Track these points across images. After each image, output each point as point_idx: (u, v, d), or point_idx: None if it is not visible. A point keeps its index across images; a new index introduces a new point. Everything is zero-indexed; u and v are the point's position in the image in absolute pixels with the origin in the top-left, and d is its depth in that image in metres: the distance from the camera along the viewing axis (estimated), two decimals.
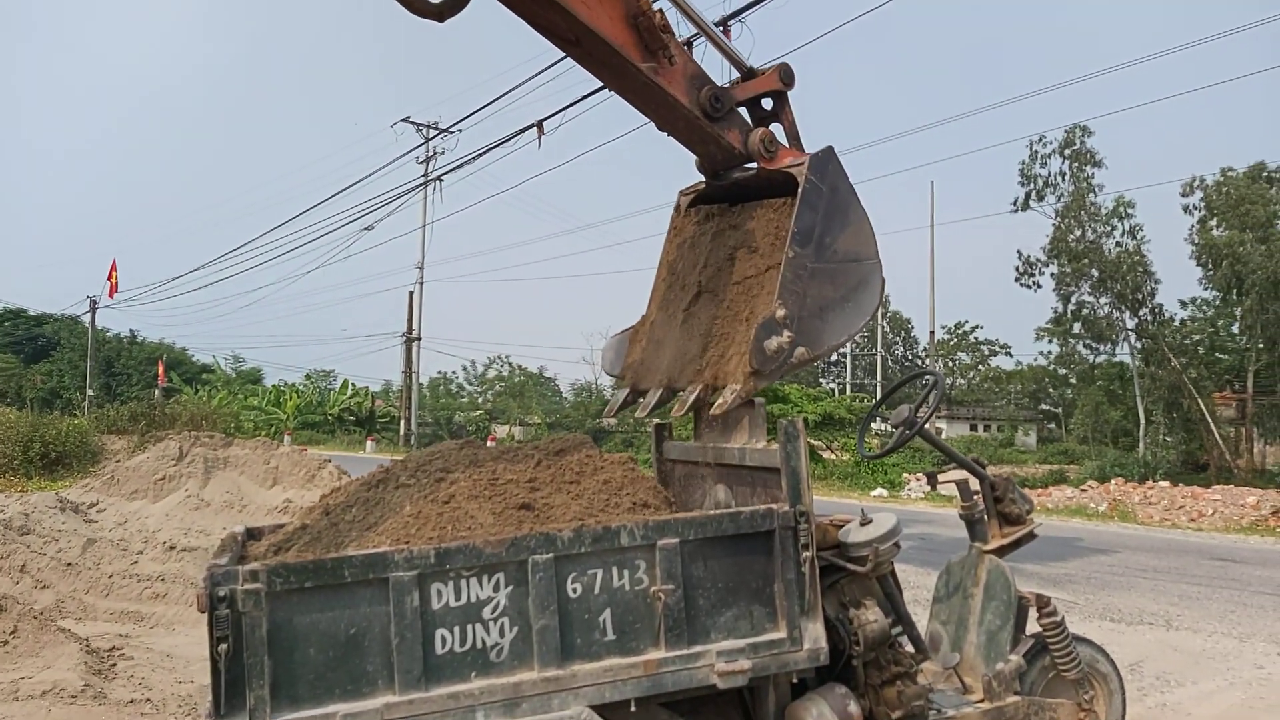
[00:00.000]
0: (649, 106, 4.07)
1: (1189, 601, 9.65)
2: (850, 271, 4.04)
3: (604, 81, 4.09)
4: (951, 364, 66.26)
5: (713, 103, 4.03)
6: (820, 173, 3.99)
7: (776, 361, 3.77)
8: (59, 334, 64.26)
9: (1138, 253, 29.01)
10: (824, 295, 3.94)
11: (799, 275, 3.85)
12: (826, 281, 3.95)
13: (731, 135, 4.15)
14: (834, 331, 3.98)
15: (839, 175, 4.06)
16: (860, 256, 4.08)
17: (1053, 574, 11.19)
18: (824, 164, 4.02)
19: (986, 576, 4.43)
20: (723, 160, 4.35)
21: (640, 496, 3.67)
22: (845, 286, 4.02)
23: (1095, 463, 29.59)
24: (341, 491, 4.10)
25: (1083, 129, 28.86)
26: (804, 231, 3.89)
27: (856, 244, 4.07)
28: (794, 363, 3.83)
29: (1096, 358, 33.49)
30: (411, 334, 44.53)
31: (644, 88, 3.91)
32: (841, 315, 4.00)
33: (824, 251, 3.95)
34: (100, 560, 9.51)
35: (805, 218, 3.91)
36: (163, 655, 6.98)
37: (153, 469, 13.66)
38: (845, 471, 26.55)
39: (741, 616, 3.41)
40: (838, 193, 4.03)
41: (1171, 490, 20.17)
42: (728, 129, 4.14)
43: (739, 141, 4.16)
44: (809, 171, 3.96)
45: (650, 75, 3.81)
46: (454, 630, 3.06)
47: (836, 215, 4.01)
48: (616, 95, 4.11)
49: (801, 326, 3.83)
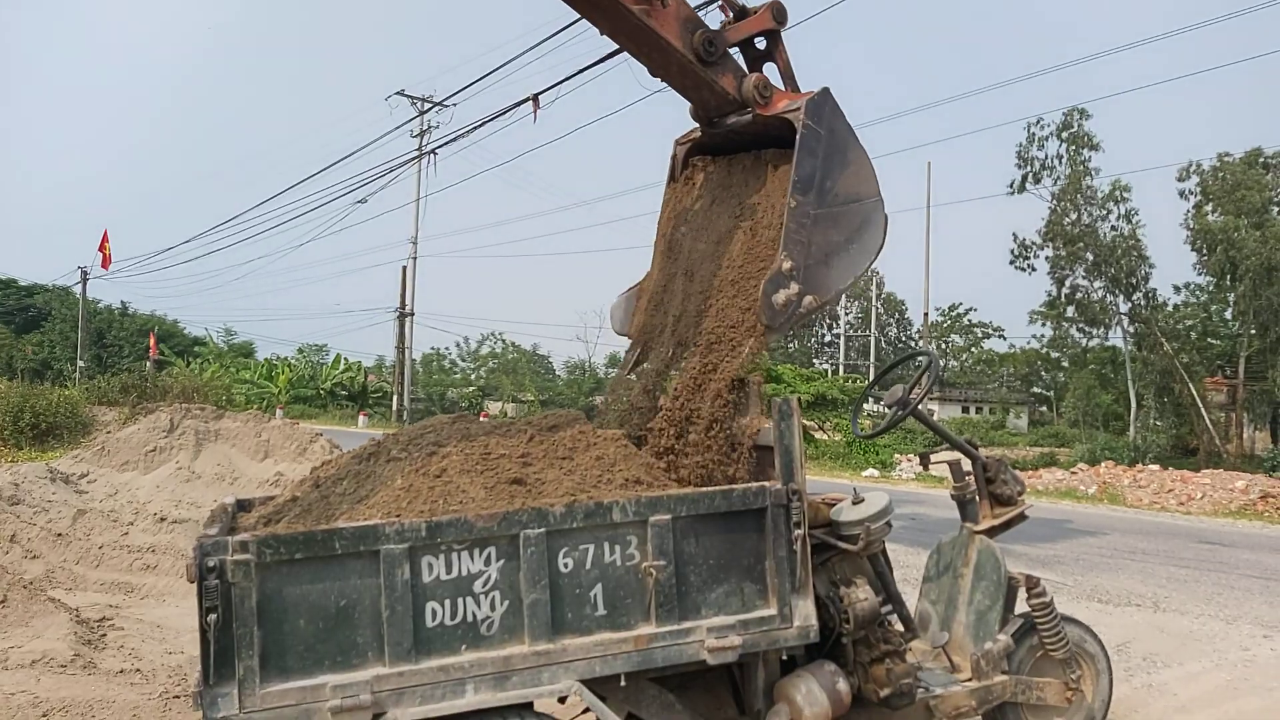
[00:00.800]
0: (641, 50, 4.01)
1: (1177, 584, 9.71)
2: (853, 213, 4.00)
3: (595, 24, 3.99)
4: (945, 346, 66.38)
5: (706, 47, 3.96)
6: (817, 116, 3.93)
7: (786, 314, 3.75)
8: (50, 305, 63.91)
9: (1133, 237, 29.05)
10: (828, 240, 3.91)
11: (802, 224, 3.81)
12: (830, 226, 3.91)
13: (726, 80, 4.08)
14: (840, 275, 3.96)
15: (836, 116, 4.00)
16: (862, 196, 4.04)
17: (1042, 555, 11.25)
18: (820, 106, 3.96)
19: (977, 557, 4.44)
20: (717, 107, 4.28)
21: (633, 473, 3.66)
22: (849, 229, 3.99)
23: (1086, 446, 29.72)
24: (333, 464, 4.08)
25: (1080, 112, 28.87)
26: (804, 179, 3.85)
27: (857, 184, 4.03)
28: (803, 312, 3.81)
29: (1089, 342, 33.67)
30: (405, 309, 44.39)
31: (636, 30, 3.84)
32: (847, 258, 3.97)
33: (825, 196, 3.91)
34: (90, 531, 9.50)
35: (805, 164, 3.86)
36: (153, 626, 6.99)
37: (143, 440, 13.61)
38: (837, 451, 26.63)
39: (732, 593, 3.41)
40: (835, 134, 3.97)
41: (1161, 474, 20.26)
42: (722, 74, 4.07)
43: (733, 87, 4.10)
44: (805, 116, 3.90)
45: (642, 17, 3.75)
46: (444, 603, 3.06)
47: (835, 157, 3.96)
48: (609, 39, 4.04)
49: (808, 275, 3.80)
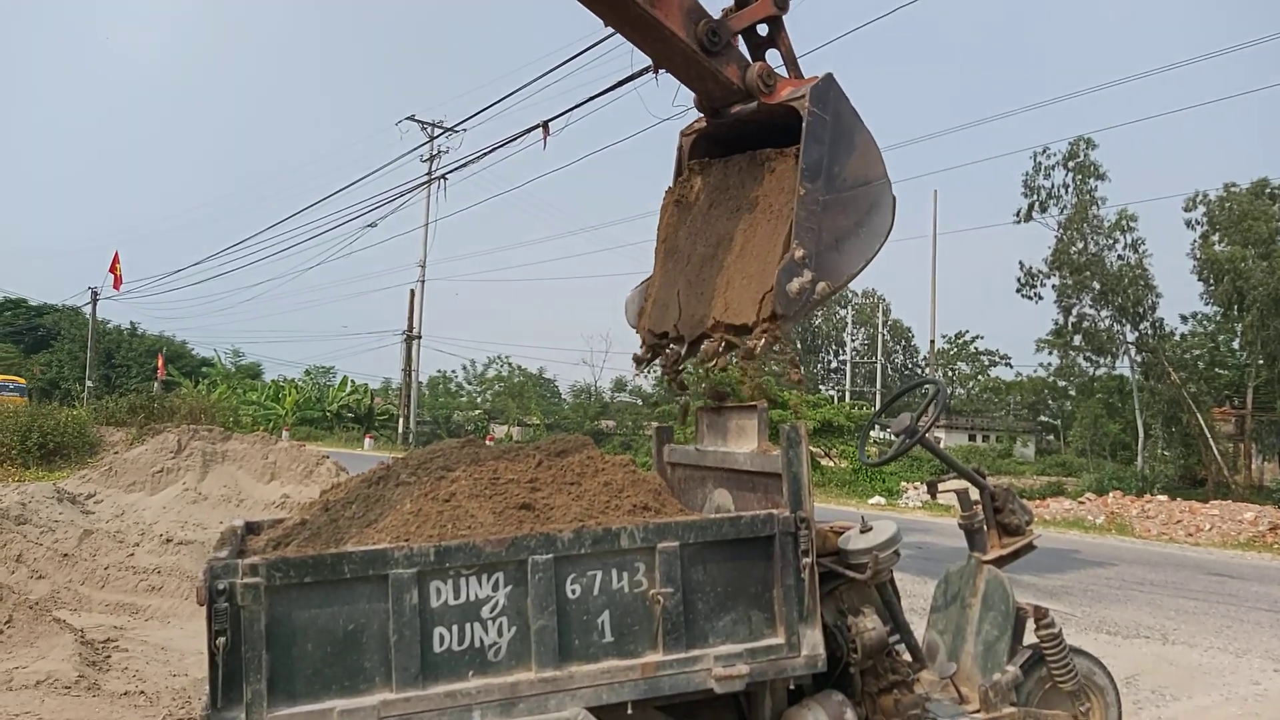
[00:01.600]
0: (645, 41, 4.02)
1: (1185, 616, 9.64)
2: (861, 196, 4.01)
3: (600, 15, 3.99)
4: (951, 374, 66.25)
5: (710, 36, 3.97)
6: (822, 102, 3.92)
7: (800, 302, 3.74)
8: (60, 324, 64.22)
9: (1139, 266, 29.03)
10: (839, 226, 3.90)
11: (812, 212, 3.81)
12: (839, 212, 3.91)
13: (730, 70, 4.09)
14: (852, 260, 3.96)
15: (840, 101, 3.99)
16: (869, 179, 4.04)
17: (1050, 585, 11.19)
18: (824, 92, 3.95)
19: (985, 587, 4.42)
20: (721, 96, 4.28)
21: (641, 499, 3.66)
22: (858, 213, 3.99)
23: (1093, 475, 29.57)
24: (342, 488, 4.09)
25: (1087, 141, 28.92)
26: (812, 166, 3.85)
27: (864, 167, 4.03)
28: (816, 299, 3.81)
29: (1096, 370, 33.52)
30: (412, 332, 44.51)
31: (640, 21, 3.86)
32: (857, 243, 3.98)
33: (834, 182, 3.91)
34: (96, 551, 9.50)
35: (812, 151, 3.86)
36: (157, 648, 6.98)
37: (151, 461, 13.64)
38: (844, 479, 26.54)
39: (740, 621, 3.40)
40: (840, 119, 3.97)
41: (1169, 504, 20.15)
42: (726, 63, 4.08)
43: (737, 76, 4.11)
44: (810, 103, 3.89)
45: (646, 7, 3.77)
46: (452, 629, 3.06)
47: (842, 142, 3.96)
48: (614, 30, 4.05)
49: (820, 262, 3.80)
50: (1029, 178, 30.01)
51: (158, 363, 50.42)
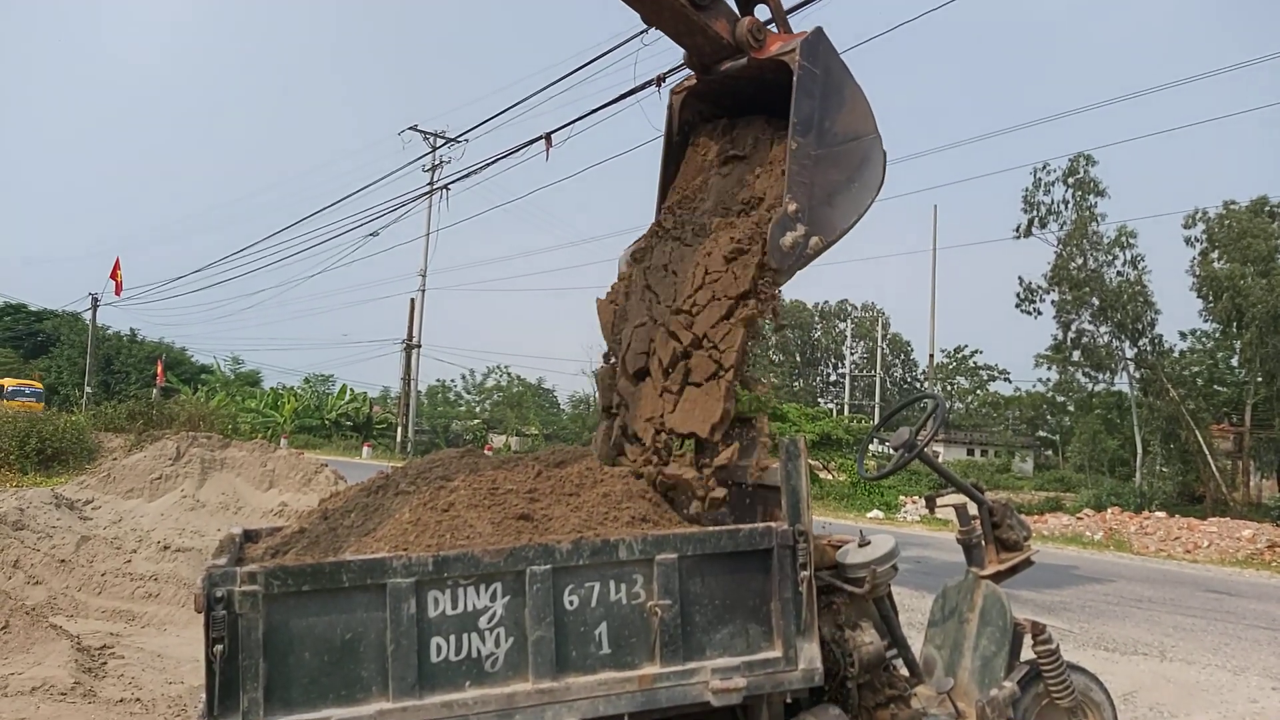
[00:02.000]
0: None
1: (1183, 633, 9.63)
2: (852, 151, 4.02)
3: None
4: (950, 388, 66.26)
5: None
6: (812, 56, 3.92)
7: (794, 256, 3.76)
8: (59, 330, 64.23)
9: (1139, 283, 29.09)
10: (830, 180, 3.92)
11: (804, 166, 3.82)
12: (831, 166, 3.93)
13: (719, 25, 4.09)
14: (844, 214, 3.98)
15: (830, 55, 4.00)
16: (860, 133, 4.05)
17: (1048, 601, 11.17)
18: (814, 46, 3.95)
19: (983, 602, 4.42)
20: (711, 52, 4.28)
21: (640, 510, 3.66)
22: (849, 167, 4.01)
23: (1092, 491, 29.56)
24: (341, 496, 4.10)
25: (1086, 158, 29.02)
26: (804, 120, 3.85)
27: (854, 122, 4.04)
28: (809, 253, 3.82)
29: (1095, 386, 33.56)
30: (411, 341, 44.51)
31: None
32: (849, 197, 3.99)
33: (825, 136, 3.92)
34: (94, 558, 9.49)
35: (803, 106, 3.86)
36: (153, 655, 6.96)
37: (149, 468, 13.63)
38: (842, 492, 26.51)
39: (737, 634, 3.40)
40: (830, 73, 3.98)
41: (1167, 521, 20.13)
42: (715, 18, 4.08)
43: (727, 31, 4.10)
44: (801, 57, 3.89)
45: None
46: (449, 639, 3.05)
47: (833, 96, 3.97)
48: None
49: (813, 216, 3.82)
50: (1029, 193, 30.11)
51: (157, 369, 50.43)
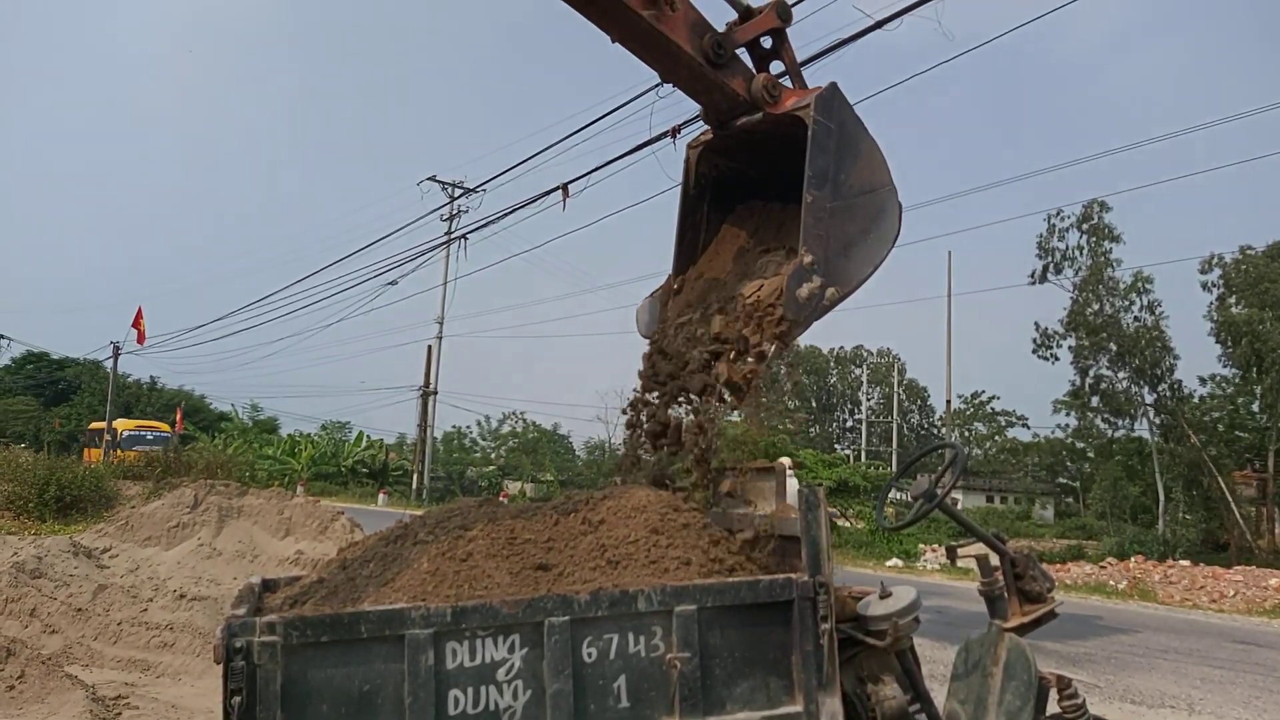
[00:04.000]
0: (652, 55, 4.08)
1: (1211, 685, 9.42)
2: (868, 203, 4.07)
3: (606, 31, 4.06)
4: (968, 434, 65.79)
5: (715, 49, 4.04)
6: (826, 110, 3.98)
7: (810, 307, 3.79)
8: (80, 378, 64.78)
9: (1156, 328, 28.98)
10: (846, 232, 3.96)
11: (819, 218, 3.86)
12: (847, 218, 3.97)
13: (735, 82, 4.15)
14: (861, 266, 4.02)
15: (845, 109, 4.05)
16: (875, 186, 4.10)
17: (1072, 653, 10.97)
18: (829, 101, 4.01)
19: (1006, 655, 4.35)
20: (727, 108, 4.34)
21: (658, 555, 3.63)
22: (865, 219, 4.05)
23: (1114, 539, 29.14)
24: (359, 545, 4.09)
25: (1101, 204, 29.11)
26: (819, 174, 3.90)
27: (870, 174, 4.09)
28: (826, 304, 3.86)
29: (1115, 432, 33.25)
30: (428, 388, 44.66)
31: (646, 35, 3.93)
32: (865, 248, 4.03)
33: (840, 189, 3.96)
34: (110, 606, 9.48)
35: (818, 160, 3.91)
36: (168, 706, 6.92)
37: (167, 516, 13.64)
38: (860, 540, 26.25)
39: (758, 688, 3.35)
40: (845, 126, 4.03)
41: (1192, 569, 19.83)
42: (731, 75, 4.14)
43: (742, 88, 4.17)
44: (815, 111, 3.95)
45: (653, 22, 3.84)
46: (467, 691, 3.02)
47: (847, 150, 4.02)
48: (621, 45, 4.09)
49: (829, 268, 3.85)
50: (1043, 239, 30.17)
51: (176, 416, 50.69)
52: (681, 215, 4.80)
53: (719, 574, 3.52)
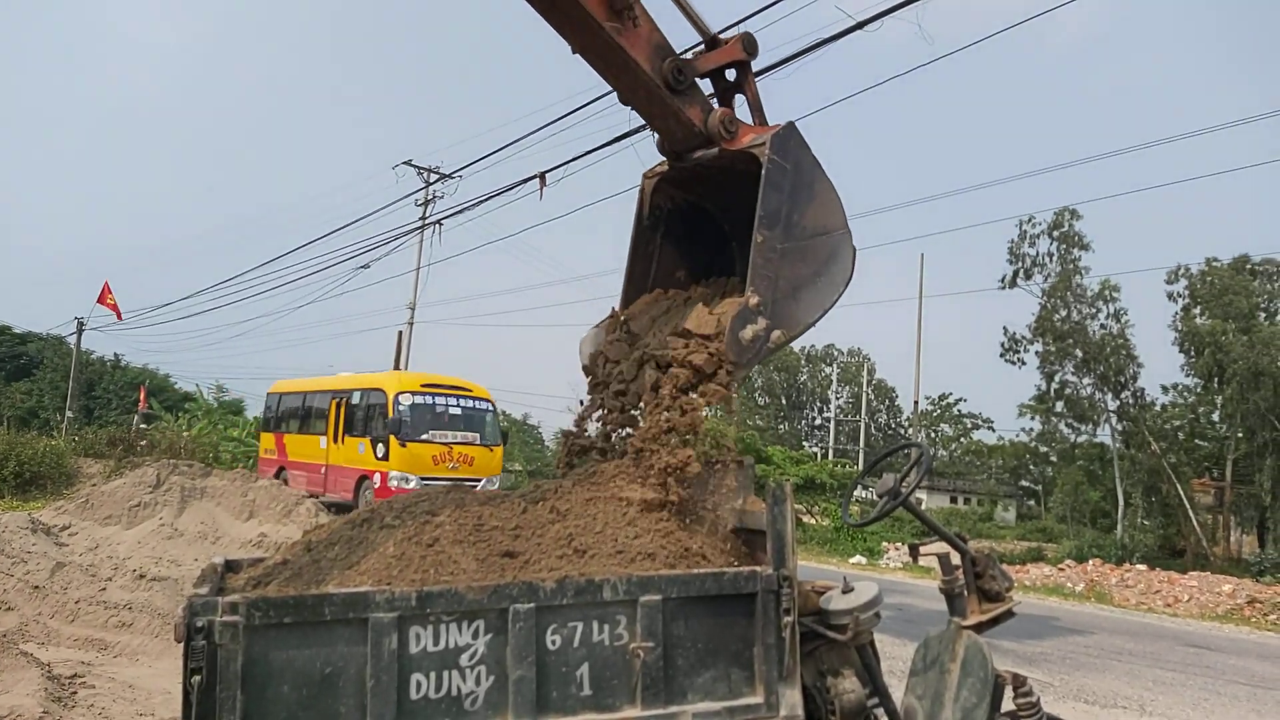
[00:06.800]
0: (611, 71, 4.04)
1: (1163, 687, 9.60)
2: (820, 246, 4.03)
3: (567, 40, 4.02)
4: (934, 435, 66.42)
5: (675, 75, 4.00)
6: (782, 150, 3.95)
7: (753, 350, 3.77)
8: (43, 353, 63.65)
9: (1121, 336, 29.42)
10: (796, 274, 3.92)
11: (769, 259, 3.83)
12: (798, 260, 3.93)
13: (693, 111, 4.11)
14: (808, 310, 3.99)
15: (801, 149, 4.02)
16: (829, 229, 4.06)
17: (1028, 652, 11.13)
18: (785, 140, 3.98)
19: (964, 652, 4.41)
20: (683, 139, 4.29)
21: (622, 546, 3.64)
22: (816, 262, 4.01)
23: (1073, 542, 29.62)
24: (325, 528, 4.07)
25: (1071, 212, 29.46)
26: (770, 214, 3.87)
27: (824, 217, 4.05)
28: (771, 347, 3.83)
29: (1078, 437, 33.73)
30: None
31: (606, 48, 3.89)
32: (815, 292, 4.00)
33: (792, 230, 3.93)
34: (68, 585, 9.35)
35: (771, 199, 3.88)
36: (124, 685, 6.85)
37: (128, 495, 13.49)
38: (825, 537, 26.45)
39: (719, 679, 3.38)
40: (801, 168, 4.00)
41: (1148, 574, 20.14)
42: (689, 104, 4.10)
43: (699, 119, 4.13)
44: (771, 151, 3.92)
45: (613, 35, 3.79)
46: (430, 675, 3.02)
47: (802, 191, 3.99)
48: (580, 57, 4.06)
49: (776, 310, 3.82)
50: (1014, 245, 30.49)
51: (139, 395, 49.96)
52: (633, 246, 4.73)
53: (684, 565, 3.54)
